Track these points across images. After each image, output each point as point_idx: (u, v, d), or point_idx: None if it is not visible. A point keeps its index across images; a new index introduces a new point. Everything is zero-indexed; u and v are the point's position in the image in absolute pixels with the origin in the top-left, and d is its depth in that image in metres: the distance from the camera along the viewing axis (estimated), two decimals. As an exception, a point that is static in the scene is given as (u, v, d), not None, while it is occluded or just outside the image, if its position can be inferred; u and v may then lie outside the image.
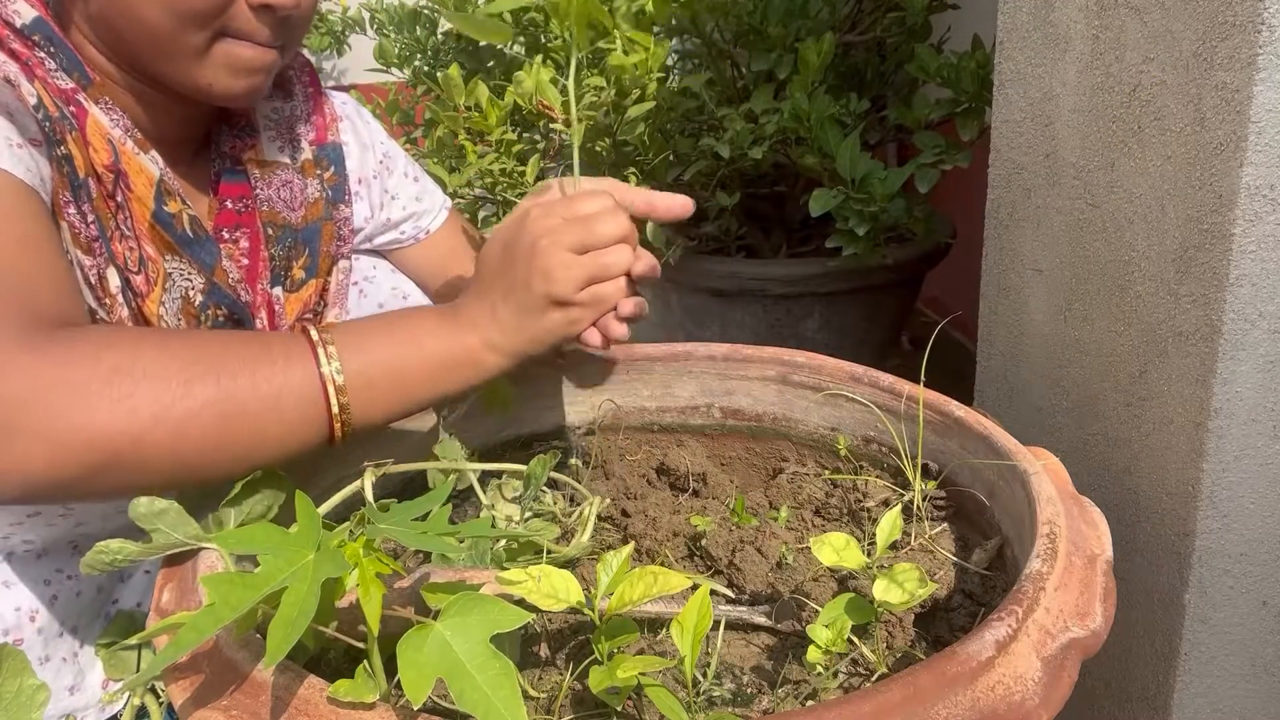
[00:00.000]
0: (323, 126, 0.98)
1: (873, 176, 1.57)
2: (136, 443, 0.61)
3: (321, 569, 0.52)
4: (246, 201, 0.90)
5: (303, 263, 0.94)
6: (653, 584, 0.59)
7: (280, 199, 0.92)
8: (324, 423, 0.68)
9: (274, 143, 0.93)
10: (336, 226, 0.97)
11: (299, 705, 0.51)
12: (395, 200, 1.05)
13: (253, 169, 0.91)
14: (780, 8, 1.74)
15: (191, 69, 0.78)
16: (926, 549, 0.78)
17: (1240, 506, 0.82)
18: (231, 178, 0.90)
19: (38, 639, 0.78)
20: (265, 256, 0.90)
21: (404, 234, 1.06)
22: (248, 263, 0.89)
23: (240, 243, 0.89)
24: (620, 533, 0.85)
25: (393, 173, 1.05)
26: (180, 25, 0.75)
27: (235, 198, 0.90)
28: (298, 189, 0.93)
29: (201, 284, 0.83)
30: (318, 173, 0.96)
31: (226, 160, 0.91)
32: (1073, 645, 0.56)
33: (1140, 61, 0.84)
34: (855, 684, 0.65)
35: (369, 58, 2.14)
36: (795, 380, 0.93)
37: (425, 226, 1.07)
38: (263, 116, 0.94)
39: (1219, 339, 0.77)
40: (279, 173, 0.92)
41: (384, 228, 1.05)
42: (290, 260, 0.93)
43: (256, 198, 0.90)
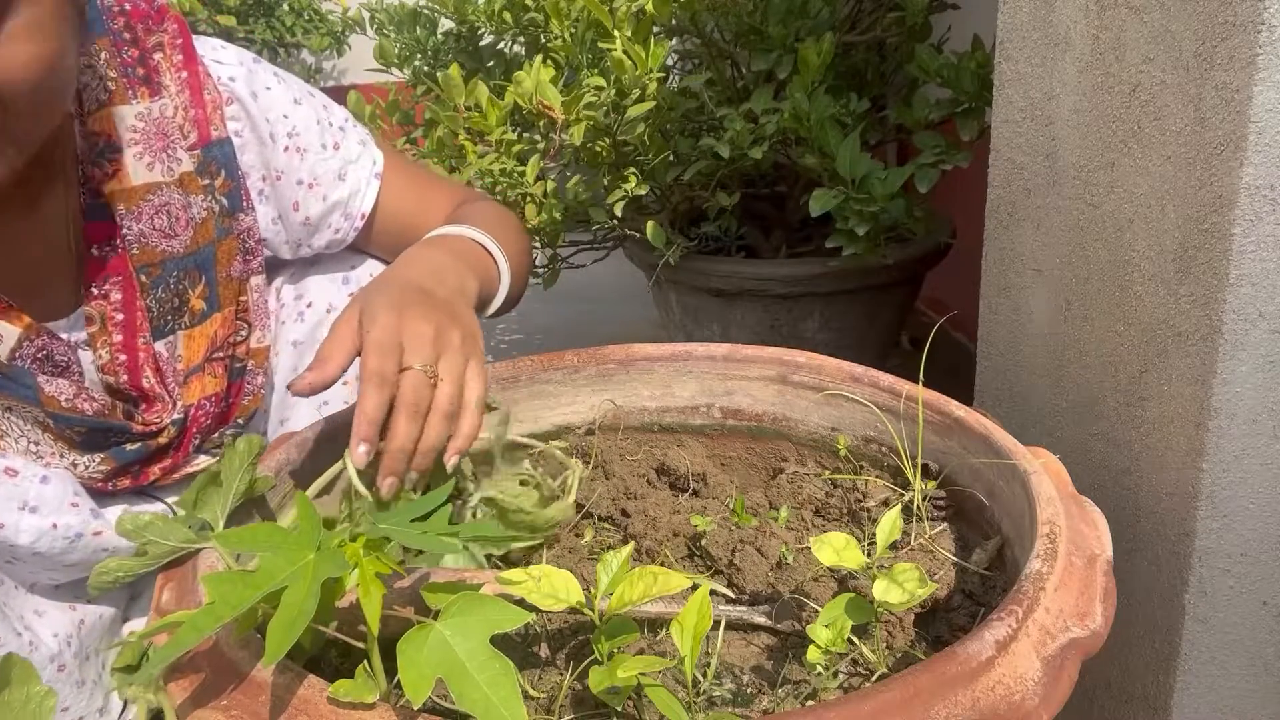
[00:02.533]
0: (204, 121, 0.81)
1: (873, 176, 1.57)
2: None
3: (322, 569, 0.52)
4: (113, 243, 0.78)
5: (200, 292, 0.82)
6: (653, 584, 0.59)
7: (156, 229, 0.79)
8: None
9: (141, 159, 0.78)
10: (239, 240, 0.85)
11: (299, 705, 0.51)
12: (313, 190, 0.91)
13: (117, 203, 0.77)
14: (780, 8, 1.74)
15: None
16: (926, 549, 0.78)
17: (1240, 506, 0.82)
18: (95, 216, 0.78)
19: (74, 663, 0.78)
20: (142, 308, 0.80)
21: (339, 230, 0.94)
22: (123, 317, 0.79)
23: (111, 295, 0.79)
24: (620, 533, 0.85)
25: (305, 153, 0.89)
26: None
27: (100, 242, 0.78)
28: (178, 209, 0.80)
29: (41, 415, 0.76)
30: (204, 183, 0.82)
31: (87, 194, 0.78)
32: (1073, 645, 0.56)
33: (1140, 61, 0.84)
34: (855, 684, 0.65)
35: (369, 58, 2.14)
36: (795, 380, 0.93)
37: (358, 210, 0.94)
38: (127, 127, 0.78)
39: (1219, 339, 0.77)
40: (152, 196, 0.79)
41: (307, 229, 0.93)
42: (183, 294, 0.82)
43: (124, 237, 0.78)
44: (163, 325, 0.82)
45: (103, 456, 0.79)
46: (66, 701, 0.77)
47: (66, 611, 0.79)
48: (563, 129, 1.63)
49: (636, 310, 2.38)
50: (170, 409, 0.83)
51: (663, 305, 1.99)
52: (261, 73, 0.88)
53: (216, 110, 0.83)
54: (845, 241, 1.62)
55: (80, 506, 0.77)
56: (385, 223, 0.98)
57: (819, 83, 1.67)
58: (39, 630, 0.76)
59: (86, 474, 0.79)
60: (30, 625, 0.76)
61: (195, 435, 0.85)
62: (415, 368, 0.69)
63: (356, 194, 0.94)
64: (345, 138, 0.94)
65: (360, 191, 0.94)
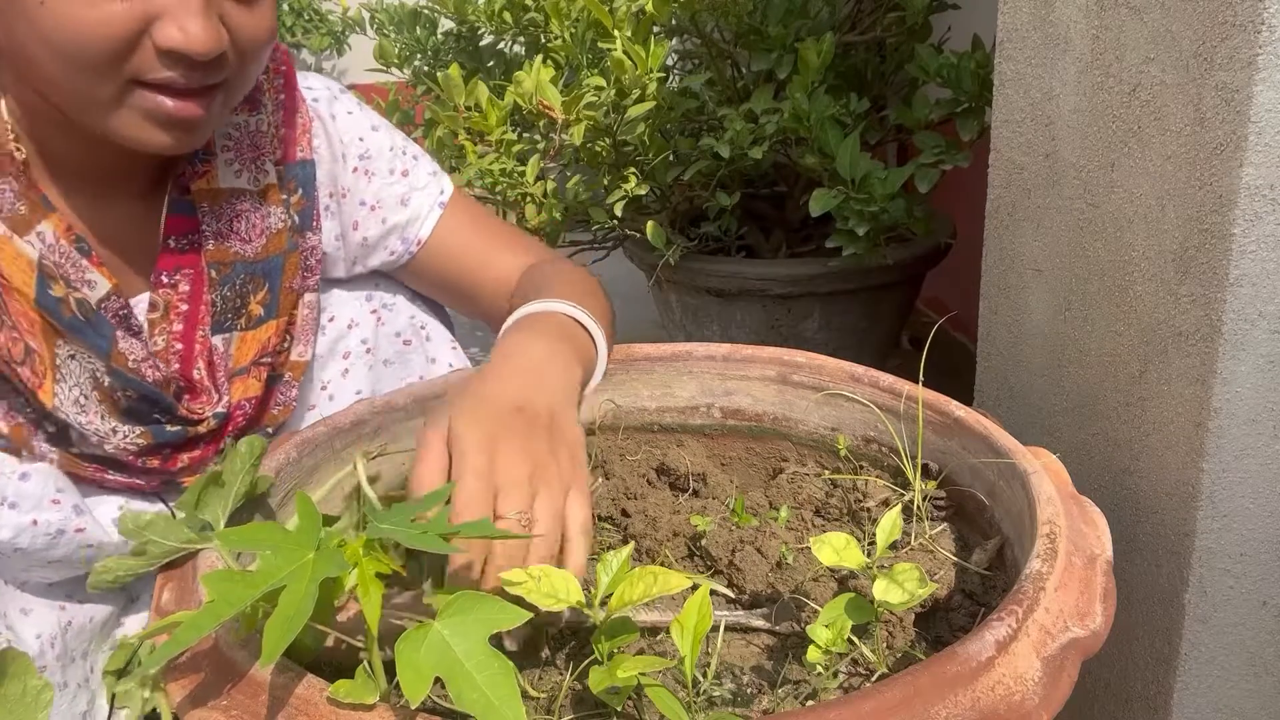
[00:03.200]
0: (292, 141, 0.88)
1: (873, 176, 1.57)
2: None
3: (321, 568, 0.52)
4: (191, 238, 0.83)
5: (261, 299, 0.86)
6: (653, 584, 0.59)
7: (234, 231, 0.83)
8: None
9: (231, 166, 0.84)
10: (302, 257, 0.88)
11: (299, 705, 0.51)
12: (375, 212, 0.94)
13: (202, 200, 0.83)
14: (780, 8, 1.74)
15: (106, 122, 0.71)
16: (926, 549, 0.78)
17: (1240, 506, 0.81)
18: (178, 210, 0.83)
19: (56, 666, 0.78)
20: (208, 301, 0.83)
21: (394, 253, 0.96)
22: (187, 308, 0.83)
23: (180, 286, 0.82)
24: (620, 533, 0.85)
25: (373, 177, 0.94)
26: (82, 76, 0.68)
27: (179, 234, 0.82)
28: (258, 217, 0.85)
29: (103, 367, 0.77)
30: (283, 198, 0.87)
31: (176, 189, 0.83)
32: (1073, 645, 0.56)
33: (1140, 61, 0.84)
34: (855, 684, 0.65)
35: (369, 58, 2.14)
36: (795, 380, 0.93)
37: (415, 236, 0.96)
38: (222, 136, 0.85)
39: (1219, 339, 0.77)
40: (235, 201, 0.84)
41: (364, 249, 0.95)
42: (245, 297, 0.85)
43: (203, 233, 0.83)
44: (222, 322, 0.84)
45: (141, 430, 0.80)
46: None
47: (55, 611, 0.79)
48: (563, 129, 1.63)
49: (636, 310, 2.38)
50: (215, 402, 0.84)
51: (663, 305, 1.99)
52: (344, 99, 0.94)
53: (305, 134, 0.88)
54: (845, 241, 1.62)
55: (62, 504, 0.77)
56: (438, 257, 0.96)
57: (819, 83, 1.67)
58: (21, 630, 0.76)
59: (123, 444, 0.79)
60: (13, 625, 0.76)
61: (230, 433, 0.86)
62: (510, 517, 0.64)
63: (416, 220, 0.95)
64: (416, 167, 0.96)
65: (421, 218, 0.95)
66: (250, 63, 0.75)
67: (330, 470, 0.83)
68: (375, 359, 0.98)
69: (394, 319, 1.00)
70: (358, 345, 0.97)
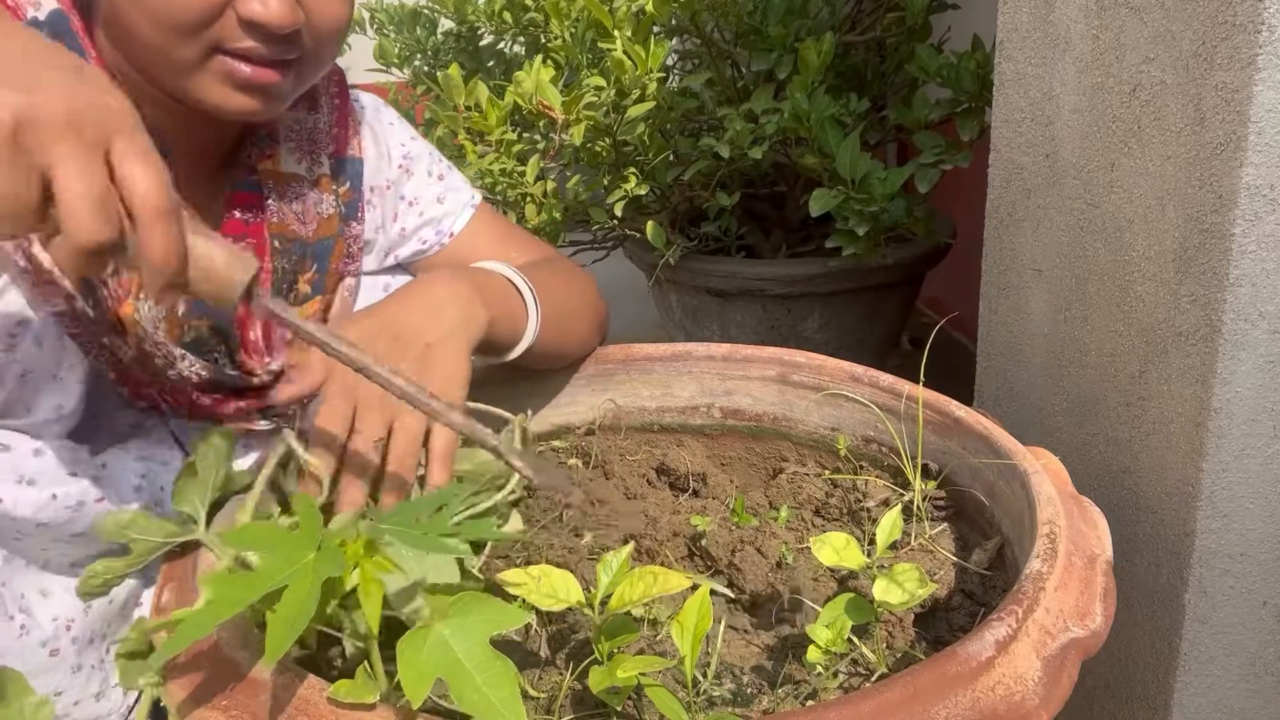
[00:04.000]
0: (344, 140, 0.96)
1: (873, 176, 1.57)
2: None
3: (322, 568, 0.52)
4: (256, 211, 0.89)
5: (309, 278, 0.92)
6: (652, 584, 0.59)
7: (292, 211, 0.90)
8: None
9: (293, 154, 0.92)
10: (347, 244, 0.96)
11: (299, 705, 0.51)
12: (413, 207, 1.02)
13: (267, 179, 0.90)
14: (780, 8, 1.74)
15: (187, 83, 0.76)
16: (926, 549, 0.78)
17: (1240, 506, 0.81)
18: (244, 187, 0.89)
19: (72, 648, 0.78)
20: (269, 268, 0.89)
21: (426, 242, 1.03)
22: None
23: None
24: (620, 532, 0.85)
25: (413, 175, 1.02)
26: (169, 39, 0.74)
27: (244, 206, 0.89)
28: (311, 203, 0.92)
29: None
30: (333, 188, 0.94)
31: (243, 169, 0.90)
32: (1073, 645, 0.56)
33: (1140, 61, 0.84)
34: (855, 684, 0.65)
35: (369, 57, 2.14)
36: (795, 380, 0.93)
37: (448, 229, 1.03)
38: (285, 126, 0.93)
39: (1219, 339, 0.77)
40: (294, 185, 0.91)
41: (400, 239, 1.02)
42: (297, 274, 0.92)
43: (267, 208, 0.89)
44: (279, 290, 0.91)
45: (203, 364, 0.83)
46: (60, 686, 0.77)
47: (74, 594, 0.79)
48: (563, 129, 1.63)
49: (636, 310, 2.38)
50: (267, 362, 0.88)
51: (663, 305, 1.99)
52: (387, 111, 1.04)
53: (355, 135, 0.97)
54: (845, 241, 1.62)
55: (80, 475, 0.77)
56: (464, 253, 1.03)
57: (819, 83, 1.67)
58: (38, 613, 0.77)
59: (188, 371, 0.83)
60: (30, 607, 0.76)
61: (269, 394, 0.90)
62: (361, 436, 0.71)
63: (450, 215, 1.03)
64: (450, 173, 1.05)
65: (455, 215, 1.03)
66: (324, 45, 0.81)
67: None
68: None
69: None
70: None
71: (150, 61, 0.77)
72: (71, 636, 0.78)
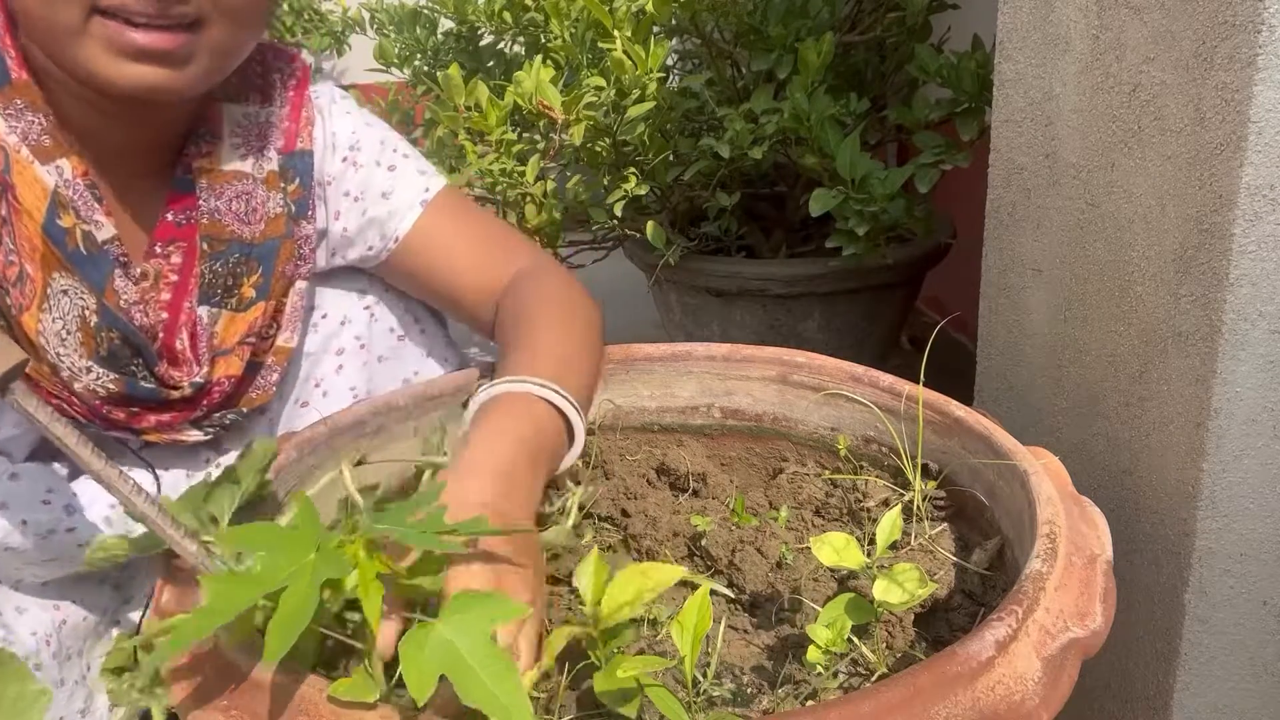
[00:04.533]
0: (293, 134, 0.90)
1: (873, 176, 1.57)
2: None
3: (321, 569, 0.52)
4: (189, 213, 0.85)
5: (254, 281, 0.87)
6: (644, 584, 0.58)
7: (232, 211, 0.85)
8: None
9: (237, 150, 0.87)
10: (297, 245, 0.90)
11: (299, 705, 0.51)
12: (357, 203, 0.93)
13: (201, 179, 0.85)
14: (780, 8, 1.74)
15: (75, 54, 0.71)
16: (926, 549, 0.78)
17: (1240, 506, 0.82)
18: (179, 187, 0.85)
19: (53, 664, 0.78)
20: (197, 273, 0.84)
21: (372, 248, 0.95)
22: (177, 279, 0.84)
23: (172, 258, 0.84)
24: (620, 533, 0.85)
25: (359, 168, 0.94)
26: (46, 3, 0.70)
27: (178, 209, 0.85)
28: (258, 201, 0.87)
29: (94, 304, 0.78)
30: (281, 185, 0.89)
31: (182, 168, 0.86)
32: (1073, 645, 0.56)
33: (1140, 61, 0.84)
34: (855, 684, 0.65)
35: (369, 58, 2.14)
36: (795, 380, 0.93)
37: (393, 232, 0.94)
38: (232, 121, 0.87)
39: (1219, 339, 0.77)
40: (236, 183, 0.86)
41: (344, 241, 0.95)
42: (238, 277, 0.86)
43: (200, 209, 0.85)
44: (210, 295, 0.85)
45: (115, 377, 0.79)
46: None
47: (49, 610, 0.79)
48: (563, 129, 1.63)
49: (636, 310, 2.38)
50: (193, 373, 0.84)
51: (663, 305, 1.99)
52: (343, 101, 0.97)
53: (307, 126, 0.91)
54: (845, 241, 1.62)
55: (52, 504, 0.77)
56: (419, 256, 0.94)
57: (819, 83, 1.67)
58: (17, 628, 0.77)
59: (93, 384, 0.79)
60: (9, 623, 0.76)
61: (205, 406, 0.86)
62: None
63: (395, 215, 0.94)
64: (404, 164, 0.96)
65: (401, 214, 0.94)
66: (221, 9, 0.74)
67: (330, 471, 0.84)
68: (370, 355, 0.98)
69: (387, 314, 0.99)
70: (351, 341, 0.97)
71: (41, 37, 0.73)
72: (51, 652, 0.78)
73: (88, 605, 0.83)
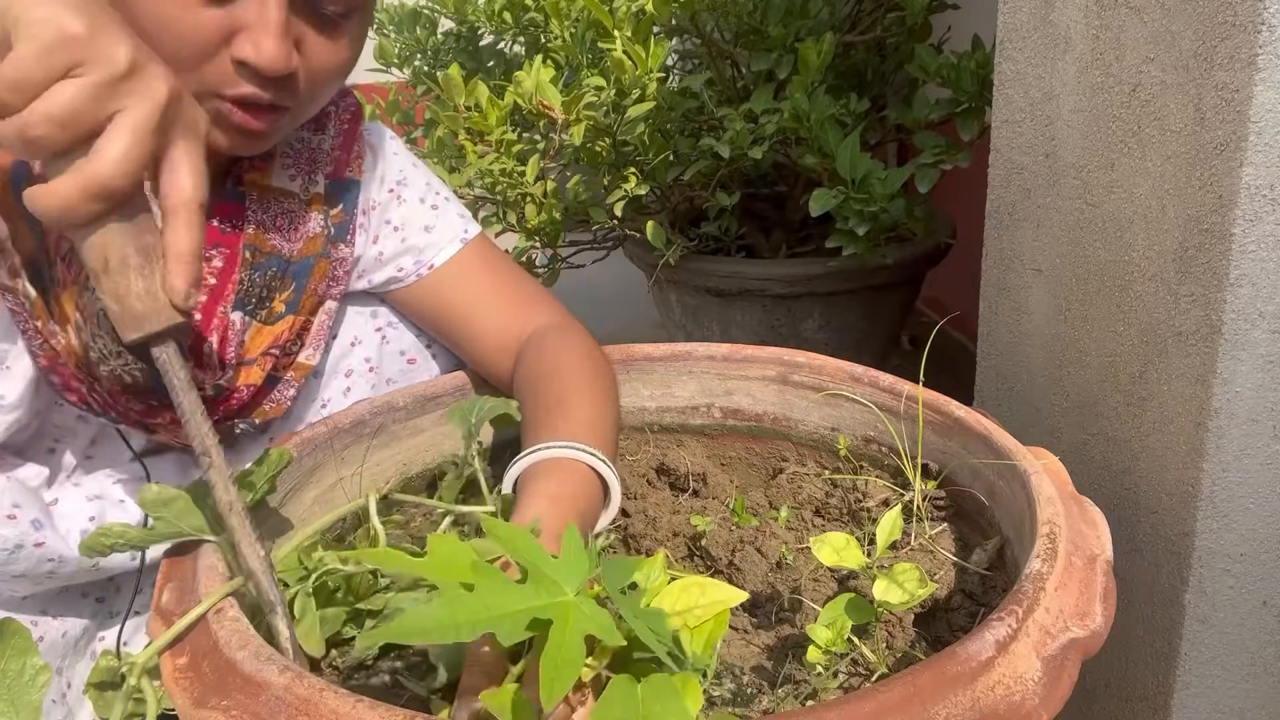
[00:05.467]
0: (344, 163, 0.94)
1: (873, 176, 1.57)
2: None
3: (583, 621, 0.47)
4: (235, 222, 0.87)
5: (285, 297, 0.89)
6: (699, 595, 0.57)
7: (276, 227, 0.88)
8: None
9: (287, 170, 0.90)
10: (332, 266, 0.92)
11: (299, 705, 0.51)
12: (397, 231, 0.97)
13: (252, 190, 0.88)
14: (780, 8, 1.74)
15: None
16: (926, 549, 0.78)
17: (1240, 506, 0.82)
18: (228, 197, 0.87)
19: None
20: (235, 280, 0.86)
21: (403, 270, 0.98)
22: (215, 283, 0.86)
23: (213, 262, 0.86)
24: (620, 533, 0.85)
25: (403, 202, 0.98)
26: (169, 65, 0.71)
27: (224, 217, 0.87)
28: (299, 221, 0.90)
29: None
30: (325, 209, 0.92)
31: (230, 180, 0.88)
32: (1073, 645, 0.56)
33: (1140, 61, 0.84)
34: (855, 684, 0.65)
35: (369, 57, 2.14)
36: (795, 380, 0.93)
37: (429, 260, 0.97)
38: (284, 145, 0.91)
39: (1219, 339, 0.77)
40: (283, 201, 0.89)
41: (376, 264, 0.97)
42: (271, 291, 0.88)
43: (247, 219, 0.87)
44: (244, 303, 0.87)
45: (141, 367, 0.80)
46: None
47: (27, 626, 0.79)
48: (563, 129, 1.63)
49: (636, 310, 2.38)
50: (216, 376, 0.85)
51: (663, 305, 1.99)
52: (393, 141, 1.02)
53: (357, 159, 0.95)
54: (845, 241, 1.62)
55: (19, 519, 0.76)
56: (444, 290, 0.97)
57: (819, 83, 1.67)
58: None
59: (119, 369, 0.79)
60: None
61: (220, 412, 0.87)
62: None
63: (433, 246, 0.98)
64: (447, 205, 1.00)
65: (439, 247, 0.98)
66: (319, 88, 0.80)
67: (331, 470, 0.84)
68: (378, 377, 0.98)
69: (399, 337, 1.00)
70: (360, 363, 0.97)
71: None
72: None
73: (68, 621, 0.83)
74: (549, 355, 0.91)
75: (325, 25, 0.77)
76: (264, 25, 0.72)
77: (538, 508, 0.71)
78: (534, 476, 0.76)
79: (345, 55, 0.80)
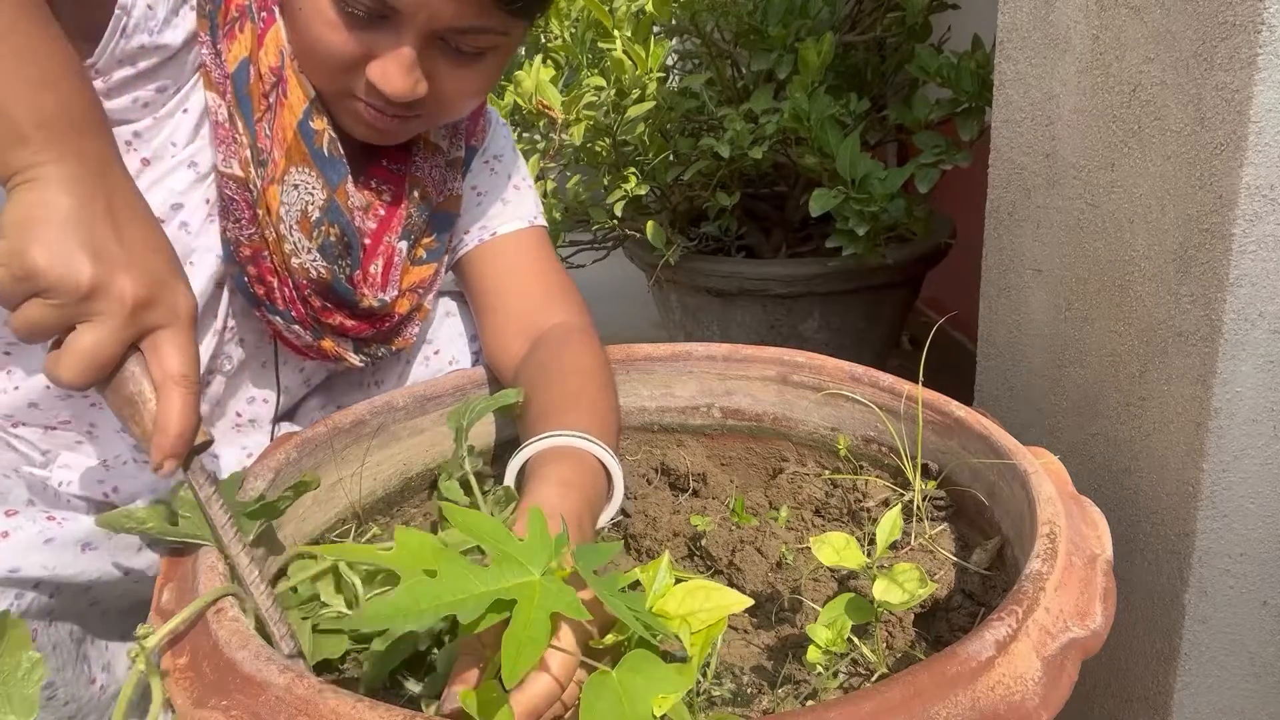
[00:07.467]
0: (472, 133, 1.02)
1: (873, 176, 1.57)
2: None
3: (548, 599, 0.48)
4: (402, 167, 0.95)
5: (428, 244, 0.98)
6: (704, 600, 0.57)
7: (430, 178, 0.96)
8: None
9: (440, 130, 0.97)
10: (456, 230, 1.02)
11: (299, 705, 0.51)
12: (479, 198, 1.04)
13: (418, 141, 0.95)
14: (780, 8, 1.74)
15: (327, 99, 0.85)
16: (926, 549, 0.78)
17: (1240, 506, 0.82)
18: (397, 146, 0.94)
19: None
20: (404, 213, 0.94)
21: (469, 232, 1.04)
22: (384, 213, 0.93)
23: (383, 195, 0.93)
24: (620, 533, 0.85)
25: (494, 174, 1.05)
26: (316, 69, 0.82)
27: (392, 160, 0.94)
28: (446, 178, 0.98)
29: (322, 200, 0.86)
30: (460, 172, 1.01)
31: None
32: (1073, 645, 0.56)
33: (1140, 61, 0.84)
34: (855, 684, 0.65)
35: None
36: (795, 380, 0.93)
37: (493, 229, 1.03)
38: None
39: (1219, 339, 0.77)
40: (437, 156, 0.97)
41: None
42: (420, 234, 0.97)
43: (413, 163, 0.95)
44: (406, 235, 0.94)
45: (325, 265, 0.87)
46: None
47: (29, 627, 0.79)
48: (563, 129, 1.63)
49: (636, 310, 2.38)
50: (378, 292, 0.92)
51: (663, 305, 1.99)
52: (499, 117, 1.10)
53: (481, 131, 1.04)
54: (845, 241, 1.62)
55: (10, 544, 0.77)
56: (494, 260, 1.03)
57: (819, 83, 1.67)
58: None
59: (308, 264, 0.86)
60: None
61: (369, 330, 0.93)
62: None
63: (501, 218, 1.04)
64: (528, 191, 1.08)
65: (508, 220, 1.04)
66: (449, 110, 0.88)
67: (331, 470, 0.84)
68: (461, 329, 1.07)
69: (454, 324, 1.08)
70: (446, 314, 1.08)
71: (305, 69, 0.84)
72: None
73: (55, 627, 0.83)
74: (572, 352, 0.93)
75: (461, 59, 0.82)
76: (396, 59, 0.79)
77: (547, 492, 0.72)
78: (544, 461, 0.77)
79: (479, 85, 0.86)
